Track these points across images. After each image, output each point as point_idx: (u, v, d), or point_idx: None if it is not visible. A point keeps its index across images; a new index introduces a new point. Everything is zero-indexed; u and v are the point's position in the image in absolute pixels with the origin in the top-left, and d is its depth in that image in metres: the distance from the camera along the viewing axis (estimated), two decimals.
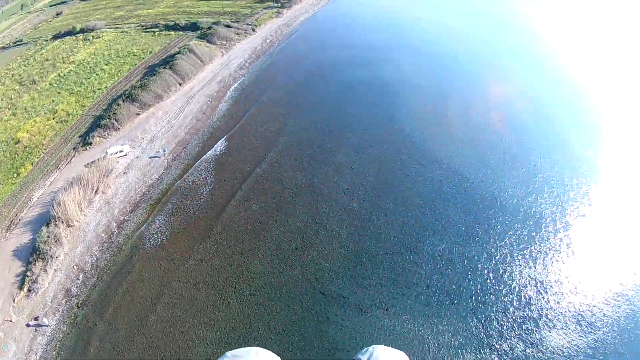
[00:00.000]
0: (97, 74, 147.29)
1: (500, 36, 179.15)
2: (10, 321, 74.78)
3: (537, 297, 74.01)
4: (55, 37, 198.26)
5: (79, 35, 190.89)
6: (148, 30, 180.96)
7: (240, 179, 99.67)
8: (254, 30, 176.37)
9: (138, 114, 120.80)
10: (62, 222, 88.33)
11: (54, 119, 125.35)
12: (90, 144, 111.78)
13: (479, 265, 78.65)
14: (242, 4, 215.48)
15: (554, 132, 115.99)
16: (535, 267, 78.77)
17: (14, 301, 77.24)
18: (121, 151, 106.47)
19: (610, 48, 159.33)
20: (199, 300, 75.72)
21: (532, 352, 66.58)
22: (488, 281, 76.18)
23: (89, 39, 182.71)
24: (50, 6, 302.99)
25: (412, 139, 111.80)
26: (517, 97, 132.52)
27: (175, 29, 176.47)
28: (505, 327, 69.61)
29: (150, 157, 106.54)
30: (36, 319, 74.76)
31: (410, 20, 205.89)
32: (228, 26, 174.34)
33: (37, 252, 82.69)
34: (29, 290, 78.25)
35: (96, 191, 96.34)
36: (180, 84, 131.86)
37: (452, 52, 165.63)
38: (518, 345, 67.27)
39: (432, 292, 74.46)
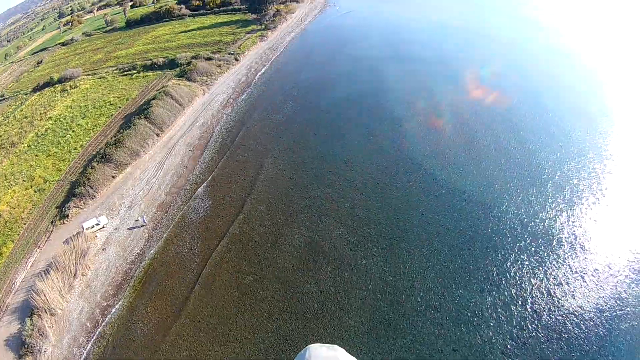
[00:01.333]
0: (73, 131, 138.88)
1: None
2: None
3: (580, 334, 64.21)
4: (35, 89, 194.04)
5: (57, 85, 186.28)
6: (126, 73, 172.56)
7: (227, 244, 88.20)
8: (237, 59, 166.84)
9: (114, 177, 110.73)
10: (45, 312, 79.91)
11: (31, 187, 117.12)
12: (67, 216, 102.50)
13: (513, 313, 67.69)
14: (224, 30, 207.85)
15: (572, 137, 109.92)
16: (574, 299, 69.30)
17: None
18: (98, 224, 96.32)
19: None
20: None
21: None
22: (523, 331, 65.26)
23: (66, 90, 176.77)
24: (33, 54, 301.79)
25: (422, 167, 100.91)
26: (528, 107, 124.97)
27: (153, 69, 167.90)
28: None
29: (130, 229, 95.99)
30: None
31: (399, 29, 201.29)
32: (209, 59, 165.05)
33: (25, 346, 75.38)
34: None
35: (75, 275, 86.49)
36: (158, 135, 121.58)
37: (451, 65, 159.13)
38: None
39: (460, 357, 63.07)
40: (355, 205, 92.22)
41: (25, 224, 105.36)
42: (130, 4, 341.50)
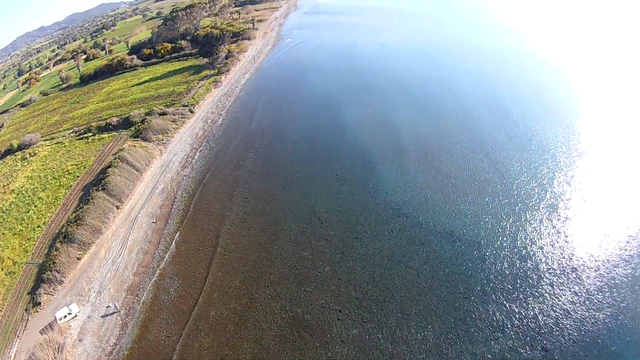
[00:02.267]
0: (35, 206, 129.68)
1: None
2: None
3: None
4: None
5: (17, 153, 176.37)
6: (82, 136, 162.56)
7: (204, 328, 78.50)
8: (191, 111, 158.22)
9: (79, 258, 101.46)
10: None
11: (2, 270, 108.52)
12: (40, 303, 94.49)
13: (524, 357, 62.62)
14: (176, 79, 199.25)
15: (554, 148, 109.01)
16: (584, 325, 65.89)
17: None
18: (70, 313, 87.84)
19: None
20: None
21: None
22: None
23: (26, 158, 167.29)
24: None
25: (402, 212, 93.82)
26: (501, 125, 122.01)
27: (108, 130, 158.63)
28: None
29: (103, 316, 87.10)
30: None
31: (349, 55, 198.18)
32: (163, 114, 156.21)
33: None
34: None
35: None
36: (118, 207, 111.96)
37: (410, 90, 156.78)
38: None
39: None
40: (337, 268, 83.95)
41: (1, 311, 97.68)
42: (84, 57, 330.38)
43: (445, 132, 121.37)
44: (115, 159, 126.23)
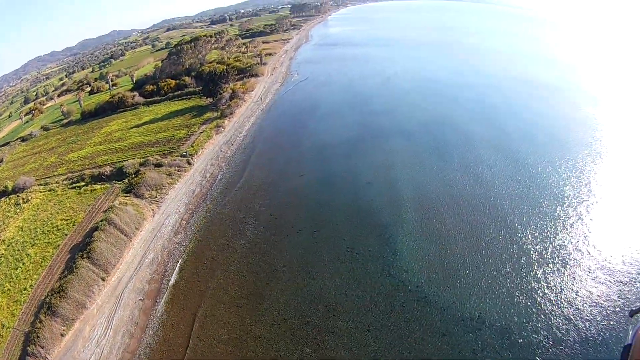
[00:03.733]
0: (23, 263, 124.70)
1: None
2: None
3: None
4: None
5: (11, 196, 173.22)
6: (74, 185, 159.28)
7: None
8: (189, 162, 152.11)
9: (63, 335, 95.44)
10: None
11: None
12: None
13: None
14: (177, 122, 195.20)
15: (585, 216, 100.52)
16: None
17: None
18: None
19: None
20: None
21: None
22: None
23: (19, 204, 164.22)
24: None
25: (423, 295, 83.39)
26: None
27: (101, 180, 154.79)
28: None
29: None
30: None
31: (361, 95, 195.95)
32: (158, 165, 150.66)
33: None
34: None
35: None
36: (103, 279, 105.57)
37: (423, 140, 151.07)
38: None
39: None
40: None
41: None
42: (88, 89, 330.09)
43: (473, 195, 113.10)
44: (102, 221, 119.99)
